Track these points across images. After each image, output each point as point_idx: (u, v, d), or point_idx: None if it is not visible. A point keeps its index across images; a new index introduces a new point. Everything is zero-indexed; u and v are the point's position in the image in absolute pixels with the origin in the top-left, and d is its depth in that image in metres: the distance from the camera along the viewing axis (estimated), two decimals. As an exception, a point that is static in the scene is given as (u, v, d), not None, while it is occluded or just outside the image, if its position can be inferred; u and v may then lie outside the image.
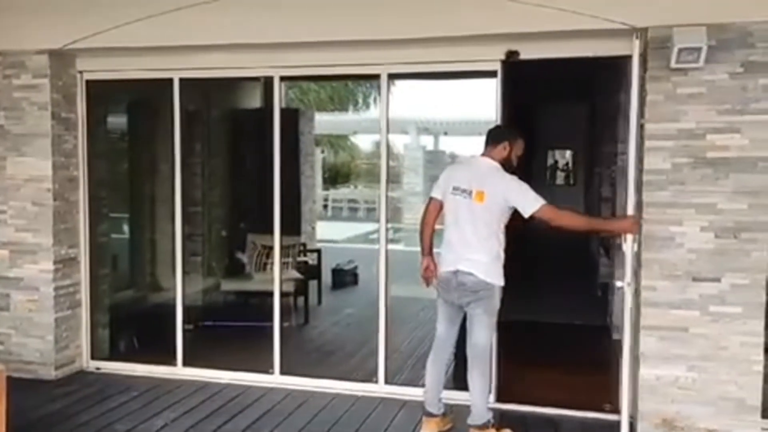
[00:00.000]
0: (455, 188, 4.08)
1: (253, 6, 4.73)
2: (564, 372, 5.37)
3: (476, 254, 4.00)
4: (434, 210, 4.21)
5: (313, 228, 9.21)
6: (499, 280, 4.04)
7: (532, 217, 3.95)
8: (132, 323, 6.15)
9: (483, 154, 4.15)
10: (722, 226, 4.07)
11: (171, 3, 4.76)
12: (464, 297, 4.05)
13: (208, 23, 4.79)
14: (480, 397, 4.09)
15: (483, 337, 4.05)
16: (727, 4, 4.04)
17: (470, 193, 4.01)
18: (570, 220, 4.04)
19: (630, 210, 4.01)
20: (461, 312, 4.15)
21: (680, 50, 3.89)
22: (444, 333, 4.23)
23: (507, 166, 4.15)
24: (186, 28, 4.83)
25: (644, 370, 4.22)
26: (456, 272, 4.04)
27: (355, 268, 9.02)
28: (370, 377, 5.06)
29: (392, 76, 4.92)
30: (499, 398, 4.73)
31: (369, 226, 13.36)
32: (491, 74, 4.66)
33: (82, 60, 5.40)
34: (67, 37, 5.09)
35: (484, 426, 4.11)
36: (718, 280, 4.09)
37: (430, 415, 4.26)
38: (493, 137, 4.16)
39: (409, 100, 8.31)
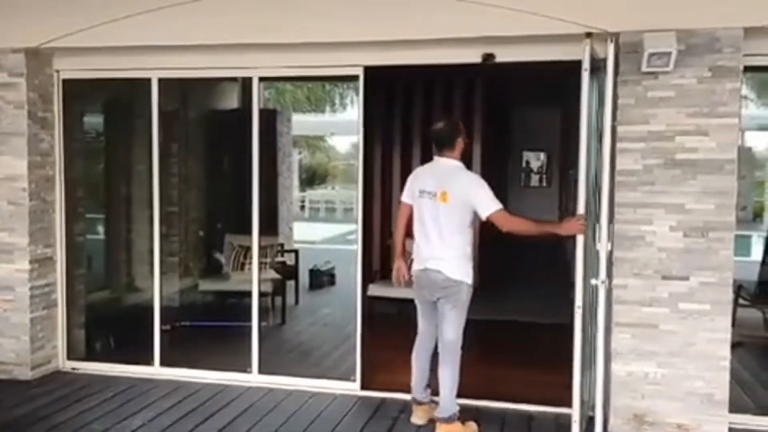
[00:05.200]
0: (421, 191, 4.21)
1: (231, 6, 4.75)
2: (537, 369, 5.44)
3: (443, 252, 4.13)
4: (405, 214, 4.38)
5: (291, 228, 9.23)
6: (466, 278, 4.16)
7: (488, 220, 4.05)
8: (109, 323, 6.11)
9: (442, 155, 4.22)
10: (691, 226, 4.18)
11: (149, 3, 4.77)
12: (434, 293, 4.20)
13: (187, 23, 4.80)
14: (448, 391, 4.19)
15: (452, 333, 4.18)
16: (695, 11, 4.15)
17: (435, 194, 4.13)
18: (520, 225, 4.10)
19: (581, 209, 3.94)
20: (435, 308, 4.26)
21: (650, 55, 3.99)
22: (423, 328, 4.40)
23: (465, 156, 4.28)
24: (165, 28, 4.83)
25: (616, 366, 4.31)
26: (425, 270, 4.20)
27: (332, 268, 9.07)
28: (347, 376, 5.10)
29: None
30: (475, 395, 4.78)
31: (346, 227, 13.40)
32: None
33: (58, 59, 5.38)
34: (43, 36, 5.07)
35: (450, 419, 4.21)
36: (686, 278, 4.20)
37: (418, 402, 4.43)
38: (448, 138, 4.21)
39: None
